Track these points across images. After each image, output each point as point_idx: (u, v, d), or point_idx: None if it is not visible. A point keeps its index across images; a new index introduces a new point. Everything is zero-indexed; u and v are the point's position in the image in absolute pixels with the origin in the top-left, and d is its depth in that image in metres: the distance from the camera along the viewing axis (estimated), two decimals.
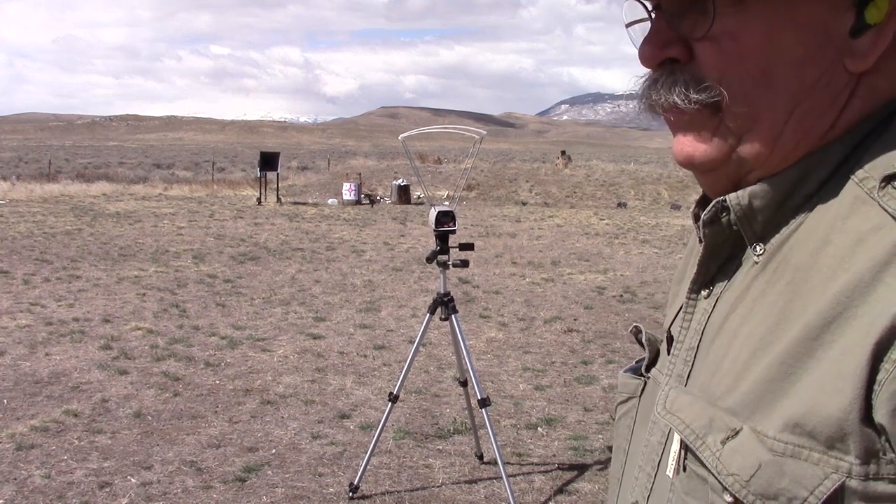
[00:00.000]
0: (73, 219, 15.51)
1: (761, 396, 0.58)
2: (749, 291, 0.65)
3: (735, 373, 0.62)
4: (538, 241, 13.91)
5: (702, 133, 0.64)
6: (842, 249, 0.58)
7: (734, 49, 0.60)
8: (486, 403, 3.69)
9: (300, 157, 57.94)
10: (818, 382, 0.55)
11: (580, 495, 3.98)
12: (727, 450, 0.59)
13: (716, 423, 0.61)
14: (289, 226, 15.48)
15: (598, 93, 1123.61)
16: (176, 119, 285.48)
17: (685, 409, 0.64)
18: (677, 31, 0.63)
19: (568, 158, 30.04)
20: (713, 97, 0.61)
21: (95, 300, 8.23)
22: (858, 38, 0.59)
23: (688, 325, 0.72)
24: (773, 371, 0.58)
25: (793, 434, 0.56)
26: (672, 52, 0.63)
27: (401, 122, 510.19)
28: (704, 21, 0.61)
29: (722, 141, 0.63)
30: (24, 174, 32.01)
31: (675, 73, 0.63)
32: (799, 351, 0.57)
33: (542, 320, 7.77)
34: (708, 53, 0.61)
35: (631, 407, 0.83)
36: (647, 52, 0.64)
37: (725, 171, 0.65)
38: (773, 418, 0.57)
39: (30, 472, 4.07)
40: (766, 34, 0.60)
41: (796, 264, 0.61)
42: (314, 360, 6.25)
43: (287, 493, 3.92)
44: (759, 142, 0.62)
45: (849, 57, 0.60)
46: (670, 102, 0.63)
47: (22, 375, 5.68)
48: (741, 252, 0.68)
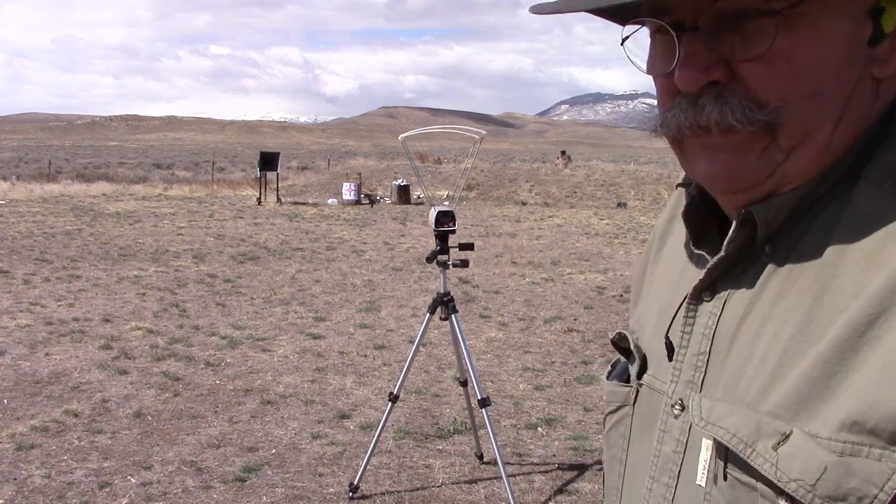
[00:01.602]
0: (73, 219, 15.51)
1: (805, 397, 0.58)
2: (764, 292, 0.65)
3: (767, 375, 0.61)
4: (538, 241, 13.91)
5: (747, 154, 0.64)
6: (870, 244, 0.59)
7: (787, 68, 0.61)
8: (486, 403, 3.69)
9: (300, 157, 57.95)
10: (873, 379, 0.54)
11: (580, 495, 3.98)
12: (783, 455, 0.58)
13: (763, 428, 0.60)
14: (289, 226, 15.48)
15: (598, 93, 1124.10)
16: (176, 119, 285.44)
17: (726, 418, 0.63)
18: (717, 54, 0.62)
19: (568, 158, 30.04)
20: (777, 118, 0.61)
21: (95, 300, 8.23)
22: (876, 47, 0.62)
23: (690, 331, 0.71)
24: (817, 371, 0.57)
25: (850, 433, 0.55)
26: (716, 75, 0.62)
27: (401, 122, 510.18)
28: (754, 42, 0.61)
29: (768, 159, 0.63)
30: (24, 174, 32.02)
31: (725, 94, 0.62)
32: (843, 349, 0.56)
33: (542, 320, 7.77)
34: (760, 74, 0.61)
35: (624, 416, 0.81)
36: (688, 77, 0.63)
37: (761, 188, 0.65)
38: (823, 418, 0.56)
39: (30, 472, 4.07)
40: (813, 51, 0.61)
41: (821, 262, 0.61)
42: (314, 360, 6.25)
43: (287, 493, 3.92)
44: (809, 156, 0.63)
45: (874, 65, 0.62)
46: (727, 124, 0.62)
47: (22, 375, 5.68)
48: (747, 253, 0.67)
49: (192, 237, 13.39)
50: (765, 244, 0.66)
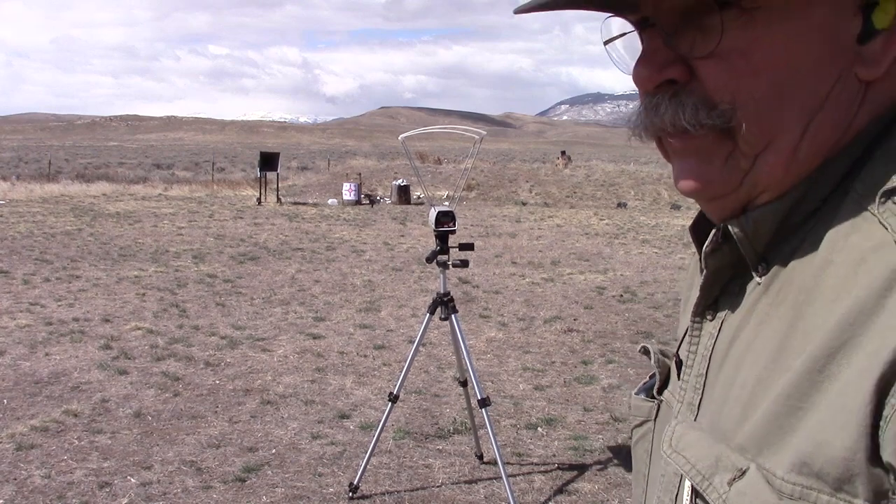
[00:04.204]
0: (73, 219, 15.51)
1: (769, 432, 0.54)
2: (753, 315, 0.61)
3: (742, 405, 0.58)
4: (538, 241, 13.91)
5: (711, 160, 0.60)
6: (844, 269, 0.53)
7: (744, 66, 0.56)
8: (486, 403, 3.69)
9: (300, 158, 57.94)
10: (823, 419, 0.51)
11: (580, 495, 3.98)
12: (734, 492, 0.55)
13: (722, 462, 0.57)
14: (289, 226, 15.48)
15: (598, 93, 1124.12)
16: (176, 119, 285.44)
17: (691, 448, 0.61)
18: (675, 51, 0.58)
19: (568, 158, 30.05)
20: (727, 121, 0.57)
21: (95, 300, 8.23)
22: (867, 45, 0.56)
23: (695, 350, 0.68)
24: (780, 405, 0.54)
25: (800, 475, 0.52)
26: (671, 74, 0.59)
27: (400, 122, 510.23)
28: (709, 38, 0.56)
29: (733, 166, 0.59)
30: (24, 174, 32.01)
31: (680, 95, 0.58)
32: (804, 384, 0.52)
33: (542, 320, 7.77)
34: (715, 73, 0.57)
35: (647, 431, 0.80)
36: (643, 74, 0.60)
37: (735, 196, 0.61)
38: (781, 456, 0.53)
39: (30, 472, 4.07)
40: (777, 47, 0.56)
41: (799, 285, 0.57)
42: (314, 360, 6.25)
43: (287, 493, 3.92)
44: (775, 162, 0.58)
45: (860, 65, 0.56)
46: (680, 128, 0.59)
47: (22, 375, 5.68)
48: (744, 272, 0.63)
49: (192, 237, 13.39)
50: (760, 261, 0.61)
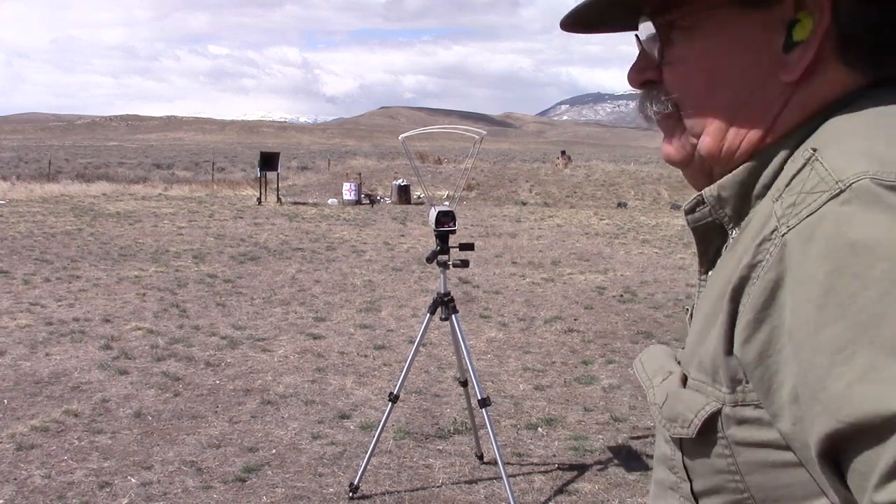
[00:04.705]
0: (73, 219, 15.51)
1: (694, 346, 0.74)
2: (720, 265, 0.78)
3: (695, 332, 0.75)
4: (538, 241, 13.91)
5: (671, 138, 0.81)
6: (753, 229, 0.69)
7: (684, 70, 0.76)
8: (486, 403, 3.69)
9: (300, 157, 57.93)
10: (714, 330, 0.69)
11: (580, 495, 3.97)
12: (659, 388, 0.77)
13: (663, 369, 0.78)
14: (289, 226, 15.48)
15: (598, 93, 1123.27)
16: (176, 119, 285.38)
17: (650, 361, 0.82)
18: (650, 59, 0.79)
19: (568, 158, 30.06)
20: (666, 108, 0.78)
21: (95, 300, 8.23)
22: (789, 54, 0.70)
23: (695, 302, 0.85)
24: (702, 325, 0.73)
25: (699, 372, 0.71)
26: (648, 75, 0.80)
27: (400, 122, 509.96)
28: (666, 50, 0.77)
29: (685, 143, 0.79)
30: (24, 174, 32.00)
31: (652, 91, 0.80)
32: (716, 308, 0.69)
33: (542, 320, 7.77)
34: (669, 75, 0.77)
35: None
36: (629, 76, 0.82)
37: (695, 166, 0.80)
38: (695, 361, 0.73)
39: (30, 472, 4.07)
40: (707, 57, 0.74)
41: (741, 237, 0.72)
42: (314, 360, 6.25)
43: (287, 493, 3.92)
44: (710, 142, 0.76)
45: (782, 70, 0.71)
46: (653, 113, 0.80)
47: (22, 375, 5.68)
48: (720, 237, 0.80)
49: (192, 237, 13.39)
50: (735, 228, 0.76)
